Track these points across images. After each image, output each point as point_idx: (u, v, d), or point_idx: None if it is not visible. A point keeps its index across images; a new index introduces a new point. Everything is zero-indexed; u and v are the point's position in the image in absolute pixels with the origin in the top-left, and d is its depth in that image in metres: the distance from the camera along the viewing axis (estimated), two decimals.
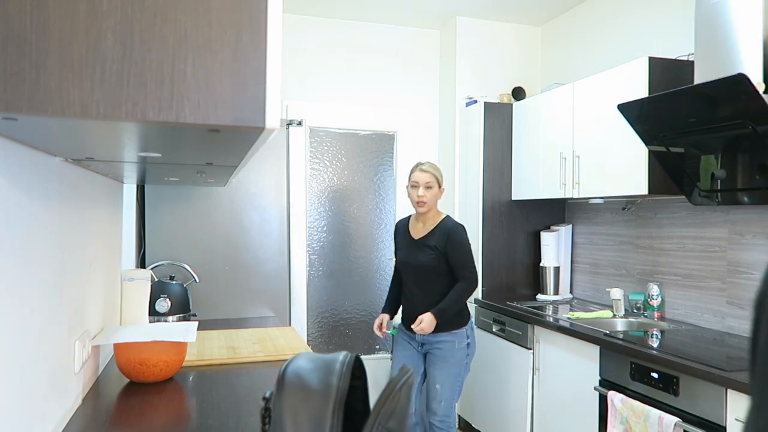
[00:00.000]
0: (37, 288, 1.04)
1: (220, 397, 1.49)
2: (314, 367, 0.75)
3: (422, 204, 2.63)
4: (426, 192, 2.63)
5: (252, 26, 0.64)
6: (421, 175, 2.66)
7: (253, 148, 0.87)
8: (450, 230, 2.63)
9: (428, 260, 2.63)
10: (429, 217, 2.70)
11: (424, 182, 2.64)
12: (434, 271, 2.64)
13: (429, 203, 2.64)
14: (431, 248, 2.63)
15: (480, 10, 3.68)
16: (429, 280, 2.66)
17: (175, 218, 2.63)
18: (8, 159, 0.88)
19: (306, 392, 0.71)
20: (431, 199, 2.65)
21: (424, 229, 2.70)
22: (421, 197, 2.63)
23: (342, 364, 0.76)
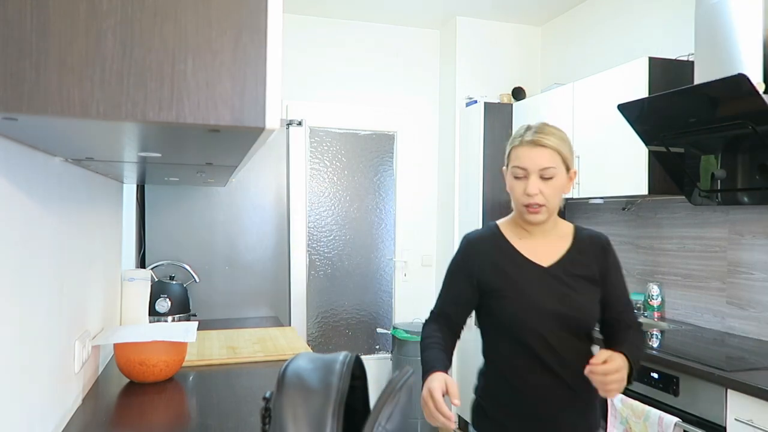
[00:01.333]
0: (37, 288, 1.04)
1: (220, 397, 1.49)
2: (314, 367, 0.75)
3: (537, 209, 1.39)
4: (545, 186, 1.38)
5: (252, 26, 0.64)
6: (535, 153, 1.37)
7: (253, 148, 0.87)
8: (605, 243, 1.48)
9: (588, 303, 1.41)
10: (550, 227, 1.47)
11: (539, 167, 1.37)
12: (590, 322, 1.43)
13: (550, 206, 1.40)
14: (588, 280, 1.43)
15: (480, 10, 3.68)
16: (576, 344, 1.41)
17: (175, 218, 2.63)
18: (8, 159, 0.88)
19: (306, 392, 0.71)
20: (553, 199, 1.40)
21: (552, 246, 1.46)
22: (533, 196, 1.38)
23: (342, 364, 0.76)
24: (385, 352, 3.97)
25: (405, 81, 3.98)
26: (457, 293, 1.49)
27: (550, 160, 1.36)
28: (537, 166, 1.35)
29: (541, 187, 1.36)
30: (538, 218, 1.39)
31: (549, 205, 1.38)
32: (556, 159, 1.36)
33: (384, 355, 3.96)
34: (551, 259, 1.42)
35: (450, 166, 3.86)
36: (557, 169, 1.36)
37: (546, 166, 1.35)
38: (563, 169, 1.38)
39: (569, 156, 1.40)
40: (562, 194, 1.41)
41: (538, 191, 1.36)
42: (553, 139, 1.36)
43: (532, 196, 1.36)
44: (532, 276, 1.41)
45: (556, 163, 1.36)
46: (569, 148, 1.40)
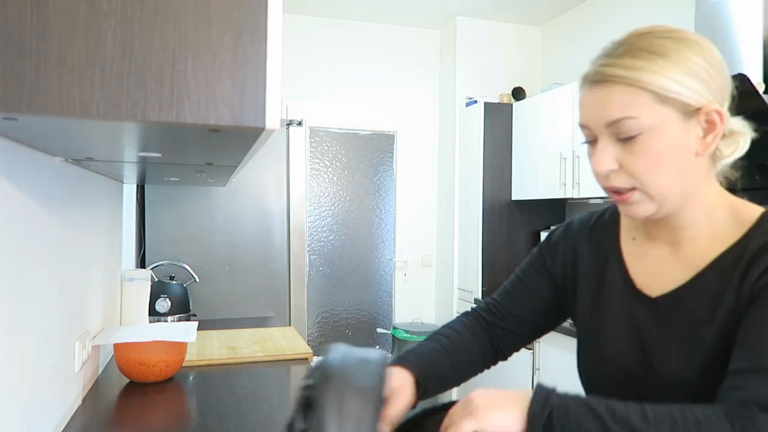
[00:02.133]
0: (37, 288, 1.04)
1: (220, 397, 1.49)
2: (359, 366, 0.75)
3: (625, 196, 0.78)
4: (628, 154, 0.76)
5: (252, 26, 0.64)
6: (596, 98, 0.77)
7: (253, 148, 0.87)
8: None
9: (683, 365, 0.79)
10: (685, 224, 0.82)
11: (605, 120, 0.76)
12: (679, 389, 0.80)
13: (653, 189, 0.76)
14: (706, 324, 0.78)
15: (480, 10, 3.68)
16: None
17: (175, 218, 2.63)
18: (8, 159, 0.88)
19: (353, 387, 0.72)
20: (655, 175, 0.76)
21: (682, 257, 0.83)
22: (603, 175, 0.79)
23: (381, 365, 0.77)
24: (385, 352, 3.97)
25: (405, 81, 3.98)
26: (527, 289, 1.01)
27: (625, 104, 0.73)
28: (601, 120, 0.76)
29: (621, 157, 0.76)
30: (636, 212, 0.78)
31: (647, 186, 0.76)
32: (639, 99, 0.73)
33: None
34: (674, 281, 0.81)
35: (450, 166, 3.86)
36: (645, 119, 0.73)
37: (617, 118, 0.74)
38: (668, 116, 0.73)
39: (684, 85, 0.73)
40: (688, 164, 0.76)
41: (613, 165, 0.76)
42: (628, 60, 0.74)
43: (601, 175, 0.78)
44: (623, 311, 0.86)
45: (642, 108, 0.73)
46: (684, 70, 0.73)
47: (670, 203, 0.78)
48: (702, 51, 0.75)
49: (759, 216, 0.80)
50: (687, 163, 0.76)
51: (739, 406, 0.67)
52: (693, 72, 0.74)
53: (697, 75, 0.74)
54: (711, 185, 0.81)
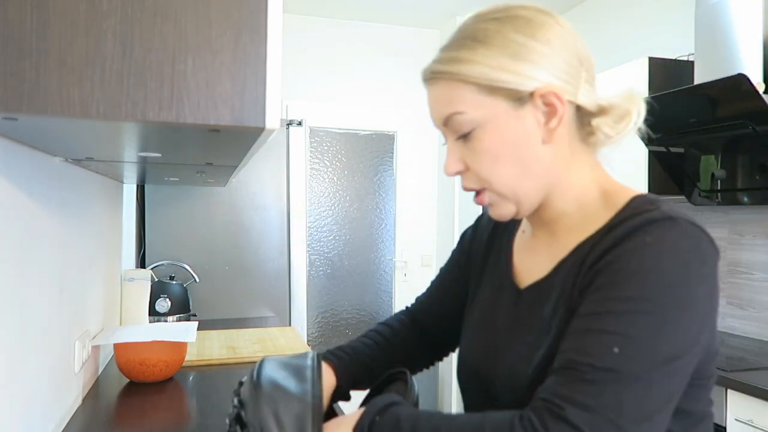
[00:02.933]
0: (37, 288, 1.04)
1: (220, 397, 1.49)
2: (287, 374, 0.77)
3: (482, 199, 0.74)
4: (470, 153, 0.71)
5: (252, 26, 0.64)
6: (430, 96, 0.74)
7: (253, 148, 0.87)
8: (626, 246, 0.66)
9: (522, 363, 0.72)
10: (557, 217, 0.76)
11: (439, 117, 0.73)
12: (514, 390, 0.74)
13: (503, 189, 0.71)
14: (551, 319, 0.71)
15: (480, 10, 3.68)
16: None
17: (175, 218, 2.63)
18: (8, 159, 0.88)
19: (286, 398, 0.72)
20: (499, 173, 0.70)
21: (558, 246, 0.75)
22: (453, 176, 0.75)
23: (312, 369, 0.78)
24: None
25: (405, 81, 3.98)
26: (444, 287, 0.97)
27: (449, 99, 0.70)
28: (436, 119, 0.73)
29: (465, 157, 0.71)
30: (499, 213, 0.74)
31: (493, 185, 0.71)
32: (462, 93, 0.68)
33: None
34: (541, 273, 0.76)
35: None
36: (472, 113, 0.68)
37: (445, 115, 0.71)
38: (497, 106, 0.68)
39: (507, 70, 0.67)
40: (535, 154, 0.69)
41: (458, 166, 0.72)
42: (452, 53, 0.70)
43: (451, 176, 0.74)
44: (495, 302, 0.81)
45: (466, 102, 0.68)
46: (507, 54, 0.67)
47: (527, 200, 0.72)
48: (532, 29, 0.68)
49: (628, 200, 0.70)
50: (532, 153, 0.69)
51: (532, 412, 0.60)
52: (518, 55, 0.67)
53: (523, 57, 0.67)
54: (579, 171, 0.73)
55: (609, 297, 0.62)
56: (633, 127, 0.72)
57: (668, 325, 0.60)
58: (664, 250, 0.62)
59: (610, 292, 0.62)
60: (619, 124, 0.72)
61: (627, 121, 0.71)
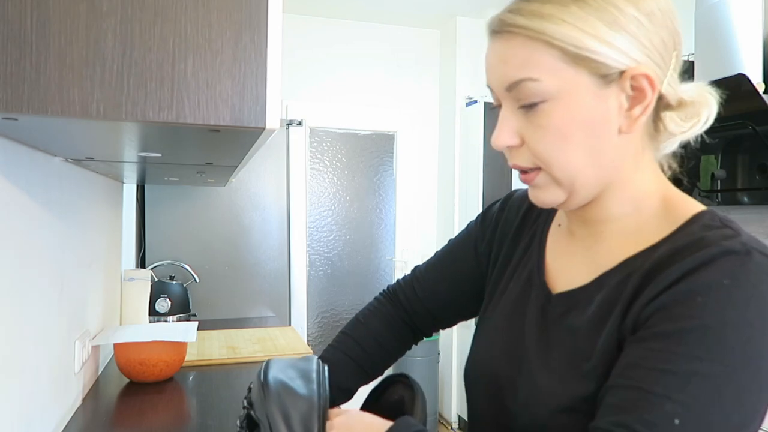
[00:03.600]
0: (37, 288, 1.04)
1: (220, 397, 1.49)
2: (295, 375, 0.77)
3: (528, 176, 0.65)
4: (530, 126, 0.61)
5: (252, 26, 0.64)
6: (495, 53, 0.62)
7: (253, 148, 0.87)
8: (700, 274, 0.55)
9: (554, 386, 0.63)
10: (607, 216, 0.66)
11: (504, 81, 0.61)
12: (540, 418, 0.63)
13: (561, 172, 0.61)
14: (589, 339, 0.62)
15: (480, 10, 3.68)
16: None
17: (175, 218, 2.63)
18: (8, 159, 0.88)
19: (294, 398, 0.73)
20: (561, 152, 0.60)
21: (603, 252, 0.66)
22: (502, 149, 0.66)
23: (318, 372, 0.78)
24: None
25: (405, 81, 3.98)
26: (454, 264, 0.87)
27: (524, 62, 0.59)
28: (500, 82, 0.62)
29: (524, 130, 0.62)
30: (543, 198, 0.65)
31: (551, 168, 0.61)
32: (542, 56, 0.58)
33: None
34: (578, 281, 0.67)
35: (450, 166, 3.86)
36: (548, 83, 0.58)
37: (515, 79, 0.60)
38: (579, 80, 0.58)
39: (602, 40, 0.57)
40: (607, 143, 0.60)
41: (512, 140, 0.63)
42: (535, 5, 0.59)
43: (498, 149, 0.66)
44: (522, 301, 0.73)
45: (544, 68, 0.58)
46: (605, 21, 0.57)
47: (582, 191, 0.62)
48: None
49: (692, 215, 0.61)
50: (605, 141, 0.60)
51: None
52: (618, 23, 0.57)
53: (622, 28, 0.57)
54: (644, 171, 0.64)
55: (674, 351, 0.53)
56: (698, 130, 0.64)
57: (740, 392, 0.52)
58: (744, 298, 0.52)
59: (675, 345, 0.53)
60: (686, 123, 0.64)
61: (695, 121, 0.64)
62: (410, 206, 4.01)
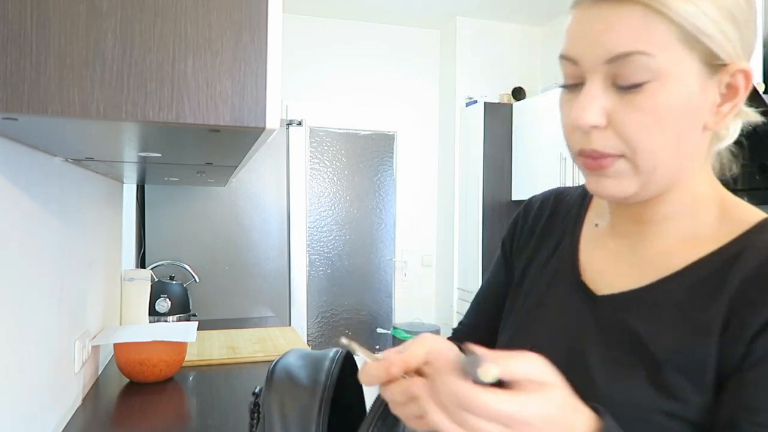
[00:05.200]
0: (37, 288, 1.04)
1: (220, 397, 1.49)
2: (304, 364, 0.76)
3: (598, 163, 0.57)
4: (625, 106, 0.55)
5: (252, 26, 0.64)
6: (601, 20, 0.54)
7: (253, 149, 0.87)
8: None
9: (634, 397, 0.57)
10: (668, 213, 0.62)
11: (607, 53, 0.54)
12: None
13: (642, 160, 0.56)
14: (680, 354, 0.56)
15: (480, 10, 3.68)
16: None
17: (175, 218, 2.63)
18: (8, 159, 0.88)
19: (294, 388, 0.72)
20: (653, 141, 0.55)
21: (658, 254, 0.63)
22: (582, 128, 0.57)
23: (332, 360, 0.76)
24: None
25: (405, 81, 3.98)
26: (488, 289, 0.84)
27: (639, 33, 0.53)
28: (601, 52, 0.55)
29: (613, 110, 0.55)
30: (611, 189, 0.59)
31: (638, 153, 0.56)
32: (659, 31, 0.52)
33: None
34: (626, 283, 0.63)
35: (450, 166, 3.86)
36: (661, 60, 0.53)
37: (625, 51, 0.53)
38: (690, 64, 0.54)
39: (719, 27, 0.54)
40: (693, 137, 0.57)
41: (600, 119, 0.56)
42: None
43: (581, 130, 0.57)
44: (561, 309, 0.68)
45: (660, 44, 0.53)
46: (722, 7, 0.54)
47: (656, 184, 0.58)
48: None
49: (759, 221, 0.59)
50: (691, 134, 0.56)
51: None
52: (731, 12, 0.54)
53: (734, 17, 0.54)
54: (705, 172, 0.62)
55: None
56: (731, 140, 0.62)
57: None
58: None
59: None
60: (733, 128, 0.62)
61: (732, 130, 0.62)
62: (410, 206, 4.01)
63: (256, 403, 0.76)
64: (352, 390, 0.83)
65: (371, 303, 3.97)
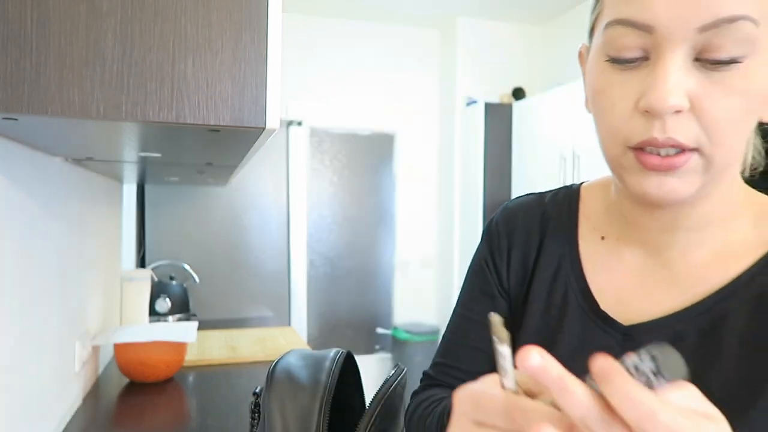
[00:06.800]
0: (37, 288, 1.04)
1: (220, 397, 1.49)
2: (304, 364, 0.76)
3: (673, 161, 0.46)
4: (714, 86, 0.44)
5: (252, 26, 0.64)
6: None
7: (253, 149, 0.87)
8: None
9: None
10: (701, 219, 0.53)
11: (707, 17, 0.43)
12: None
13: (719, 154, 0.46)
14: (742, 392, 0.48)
15: (480, 9, 3.68)
16: None
17: (175, 218, 2.63)
18: (8, 159, 0.88)
19: (294, 388, 0.72)
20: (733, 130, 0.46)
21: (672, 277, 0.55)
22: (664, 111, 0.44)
23: (332, 360, 0.76)
24: (385, 352, 3.97)
25: (405, 81, 3.98)
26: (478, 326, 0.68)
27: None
28: (698, 15, 0.43)
29: (696, 92, 0.45)
30: (677, 190, 0.48)
31: (720, 144, 0.46)
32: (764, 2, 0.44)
33: (384, 355, 3.95)
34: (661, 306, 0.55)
35: (450, 166, 3.86)
36: (762, 32, 0.44)
37: (732, 15, 0.43)
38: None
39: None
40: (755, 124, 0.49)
41: (684, 100, 0.45)
42: None
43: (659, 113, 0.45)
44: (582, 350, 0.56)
45: (763, 10, 0.44)
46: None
47: (718, 182, 0.50)
48: None
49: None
50: (752, 125, 0.48)
51: None
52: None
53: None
54: (739, 175, 0.54)
55: None
56: None
57: None
58: None
59: None
60: None
61: None
62: (410, 206, 4.01)
63: (256, 403, 0.76)
64: (353, 390, 0.83)
65: (371, 303, 3.97)
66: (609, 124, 0.49)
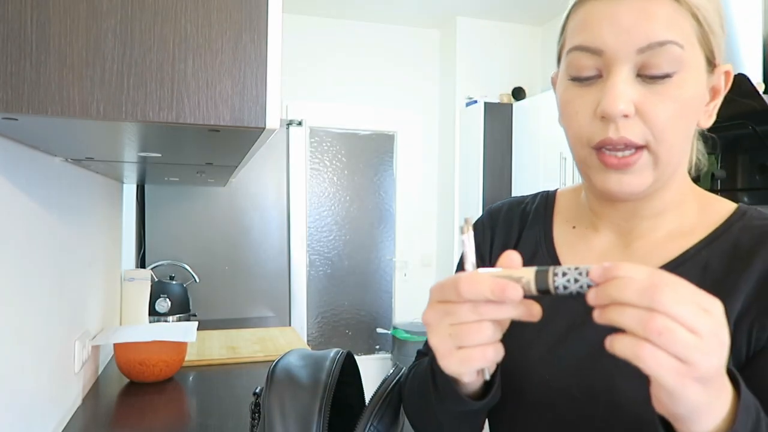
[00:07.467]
0: (37, 288, 1.04)
1: (220, 397, 1.49)
2: (305, 364, 0.76)
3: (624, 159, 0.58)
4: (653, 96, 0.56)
5: (252, 26, 0.64)
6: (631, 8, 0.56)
7: (253, 149, 0.87)
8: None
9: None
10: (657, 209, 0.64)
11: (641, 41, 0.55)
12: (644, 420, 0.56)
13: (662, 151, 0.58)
14: None
15: (480, 10, 3.68)
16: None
17: (175, 218, 2.63)
18: (8, 159, 0.88)
19: (294, 388, 0.72)
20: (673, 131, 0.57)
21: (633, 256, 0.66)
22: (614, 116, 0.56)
23: (332, 361, 0.76)
24: (385, 352, 3.97)
25: (405, 81, 3.98)
26: None
27: (672, 24, 0.56)
28: (637, 39, 0.55)
29: (640, 100, 0.56)
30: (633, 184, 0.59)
31: (662, 143, 0.57)
32: (685, 25, 0.56)
33: (384, 355, 3.96)
34: None
35: (450, 166, 3.86)
36: (687, 52, 0.56)
37: (662, 39, 0.55)
38: (700, 60, 0.58)
39: (719, 28, 0.59)
40: (694, 128, 0.61)
41: (630, 106, 0.56)
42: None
43: (611, 117, 0.56)
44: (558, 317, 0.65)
45: (686, 37, 0.56)
46: (719, 13, 0.60)
47: (666, 177, 0.61)
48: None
49: (735, 209, 0.65)
50: (692, 128, 0.62)
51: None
52: (722, 16, 0.60)
53: (723, 22, 0.60)
54: (686, 172, 0.67)
55: None
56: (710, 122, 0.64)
57: None
58: None
59: None
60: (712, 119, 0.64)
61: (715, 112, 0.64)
62: (410, 206, 4.01)
63: (256, 403, 0.76)
64: (353, 390, 0.83)
65: (371, 303, 3.97)
66: (574, 129, 0.61)
